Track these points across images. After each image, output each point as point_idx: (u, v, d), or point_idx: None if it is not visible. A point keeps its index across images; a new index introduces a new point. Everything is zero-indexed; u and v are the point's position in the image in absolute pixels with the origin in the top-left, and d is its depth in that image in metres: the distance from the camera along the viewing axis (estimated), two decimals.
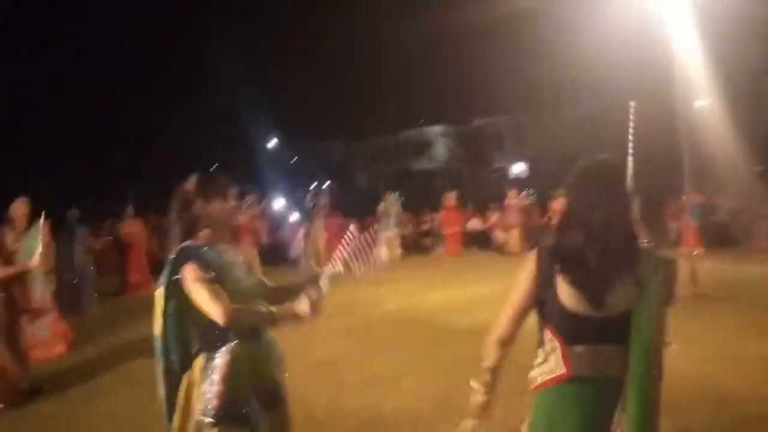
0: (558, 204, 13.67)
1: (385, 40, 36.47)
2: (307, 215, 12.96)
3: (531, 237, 14.36)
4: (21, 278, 5.14)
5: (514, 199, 14.62)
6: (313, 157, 49.46)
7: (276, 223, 14.95)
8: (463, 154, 41.28)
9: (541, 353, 2.00)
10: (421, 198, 22.76)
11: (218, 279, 2.21)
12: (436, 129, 46.92)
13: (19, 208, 5.60)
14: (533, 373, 2.02)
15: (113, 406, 4.61)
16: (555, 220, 13.56)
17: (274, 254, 12.61)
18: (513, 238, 14.19)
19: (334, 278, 2.48)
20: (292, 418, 2.50)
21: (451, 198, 14.60)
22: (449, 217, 14.54)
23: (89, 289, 8.78)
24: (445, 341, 6.13)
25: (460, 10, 28.26)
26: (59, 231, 8.61)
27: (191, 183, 2.36)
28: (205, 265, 2.21)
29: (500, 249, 14.39)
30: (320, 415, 4.09)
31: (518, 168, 43.01)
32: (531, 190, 15.54)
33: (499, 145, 42.65)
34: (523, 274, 1.98)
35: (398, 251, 14.07)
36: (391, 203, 14.42)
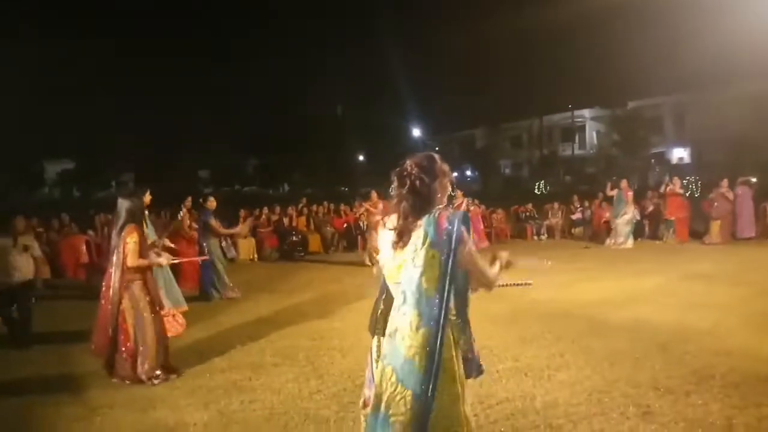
0: None
1: (531, 21, 35.14)
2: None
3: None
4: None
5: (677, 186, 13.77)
6: (456, 146, 49.39)
7: None
8: (617, 139, 38.72)
9: None
10: (571, 185, 21.73)
11: None
12: (586, 112, 44.61)
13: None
14: None
15: (277, 381, 4.93)
16: None
17: None
18: (714, 229, 13.32)
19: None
20: None
21: (676, 183, 14.13)
22: (675, 202, 13.99)
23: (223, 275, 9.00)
24: (599, 336, 5.84)
25: None
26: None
27: (428, 159, 2.49)
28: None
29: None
30: (471, 401, 4.08)
31: (679, 153, 39.67)
32: (693, 178, 14.31)
33: (658, 129, 39.48)
34: None
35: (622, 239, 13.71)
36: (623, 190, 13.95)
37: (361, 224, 14.60)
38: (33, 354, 6.05)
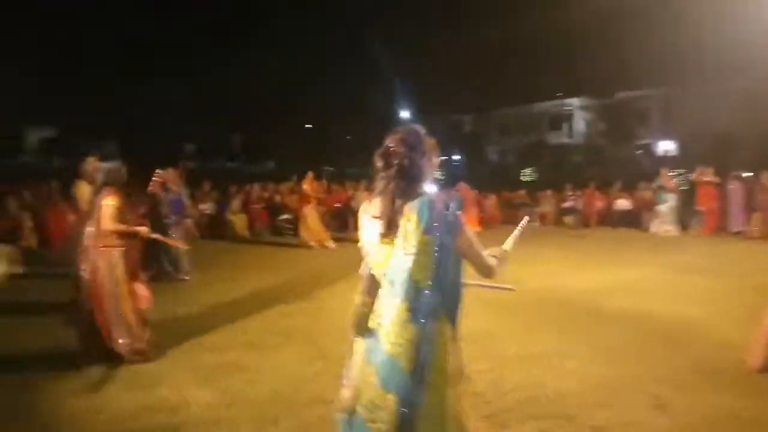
0: None
1: (522, 9, 35.00)
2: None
3: None
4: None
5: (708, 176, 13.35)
6: (443, 129, 49.22)
7: None
8: (604, 129, 38.89)
9: None
10: (557, 173, 21.73)
11: None
12: (575, 101, 44.65)
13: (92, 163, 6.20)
14: None
15: (278, 360, 4.84)
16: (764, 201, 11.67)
17: None
18: (755, 221, 12.51)
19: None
20: None
21: (706, 171, 13.41)
22: (706, 191, 13.28)
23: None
24: (600, 325, 5.81)
25: None
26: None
27: (413, 134, 2.23)
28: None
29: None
30: (482, 387, 4.04)
31: (665, 146, 39.95)
32: (681, 171, 14.31)
33: (645, 121, 39.70)
34: None
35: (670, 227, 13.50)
36: (665, 177, 13.59)
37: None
38: (30, 327, 5.77)
